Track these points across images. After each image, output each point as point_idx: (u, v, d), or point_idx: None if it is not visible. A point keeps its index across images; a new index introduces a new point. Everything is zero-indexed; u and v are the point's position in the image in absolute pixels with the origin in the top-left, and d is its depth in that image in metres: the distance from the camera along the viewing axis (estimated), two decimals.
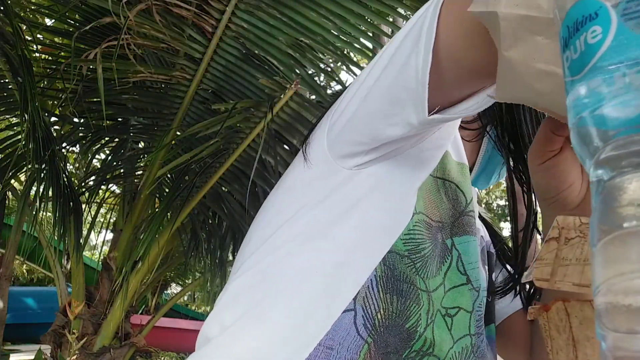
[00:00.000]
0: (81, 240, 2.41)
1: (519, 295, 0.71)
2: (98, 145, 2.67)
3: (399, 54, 0.47)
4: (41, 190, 2.13)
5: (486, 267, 0.68)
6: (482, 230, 0.73)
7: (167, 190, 2.58)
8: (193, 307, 9.97)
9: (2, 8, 1.85)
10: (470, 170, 0.70)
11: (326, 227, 0.53)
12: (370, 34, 1.89)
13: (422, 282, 0.52)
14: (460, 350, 0.55)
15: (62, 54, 2.30)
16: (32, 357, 2.46)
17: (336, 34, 1.88)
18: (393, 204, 0.54)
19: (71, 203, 2.30)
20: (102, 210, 3.42)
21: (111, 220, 2.74)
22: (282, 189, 0.61)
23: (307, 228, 0.54)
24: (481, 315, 0.59)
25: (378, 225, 0.53)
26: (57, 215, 2.25)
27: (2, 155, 2.37)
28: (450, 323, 0.54)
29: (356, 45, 1.92)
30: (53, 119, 2.56)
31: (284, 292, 0.52)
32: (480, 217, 0.75)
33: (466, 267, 0.57)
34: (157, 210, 2.47)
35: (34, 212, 2.18)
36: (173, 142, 2.26)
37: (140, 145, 2.70)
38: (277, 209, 0.58)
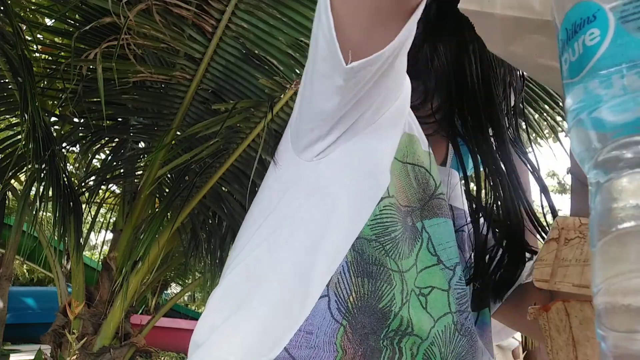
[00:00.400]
0: (81, 240, 2.41)
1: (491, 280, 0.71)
2: (98, 145, 2.67)
3: (312, 37, 0.52)
4: (41, 190, 2.13)
5: (471, 254, 0.68)
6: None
7: (167, 190, 2.58)
8: (193, 307, 9.98)
9: (2, 8, 1.85)
10: (445, 160, 0.72)
11: (296, 219, 0.56)
12: None
13: (393, 263, 0.54)
14: (443, 329, 0.55)
15: (62, 54, 2.30)
16: (32, 357, 2.46)
17: None
18: (357, 188, 0.56)
19: (71, 203, 2.30)
20: (102, 210, 3.42)
21: (111, 220, 2.74)
22: (260, 195, 0.64)
23: (281, 223, 0.57)
24: (462, 293, 0.59)
25: (343, 212, 0.55)
26: (57, 215, 2.25)
27: (2, 155, 2.37)
28: (424, 302, 0.55)
29: None
30: (53, 119, 2.56)
31: (265, 286, 0.55)
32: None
33: (436, 248, 0.58)
34: (157, 210, 2.47)
35: (34, 212, 2.18)
36: (173, 142, 2.26)
37: (140, 145, 2.71)
38: (257, 213, 0.62)
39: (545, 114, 2.44)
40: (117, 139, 2.63)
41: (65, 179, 2.23)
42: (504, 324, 0.74)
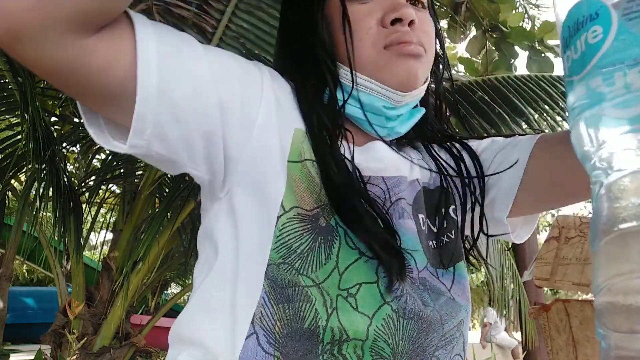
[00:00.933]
0: (81, 240, 2.41)
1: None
2: (98, 145, 2.66)
3: None
4: (41, 190, 2.13)
5: (420, 217, 0.63)
6: (420, 172, 0.66)
7: (167, 190, 2.57)
8: None
9: None
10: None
11: (218, 264, 0.56)
12: None
13: (306, 279, 0.52)
14: (383, 322, 0.53)
15: None
16: (32, 357, 2.46)
17: None
18: (253, 217, 0.55)
19: (71, 203, 2.30)
20: (102, 210, 3.42)
21: (111, 220, 2.74)
22: (198, 244, 0.65)
23: (210, 271, 0.57)
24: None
25: (248, 244, 0.54)
26: (57, 215, 2.25)
27: (2, 155, 2.37)
28: (354, 303, 0.53)
29: None
30: (53, 119, 2.56)
31: (204, 334, 0.55)
32: (428, 149, 0.70)
33: (354, 240, 0.55)
34: (157, 210, 2.47)
35: (34, 212, 2.18)
36: None
37: None
38: (198, 263, 0.62)
39: (545, 114, 2.43)
40: None
41: (65, 179, 2.23)
42: (524, 206, 0.65)
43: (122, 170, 2.63)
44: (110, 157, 2.69)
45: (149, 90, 0.47)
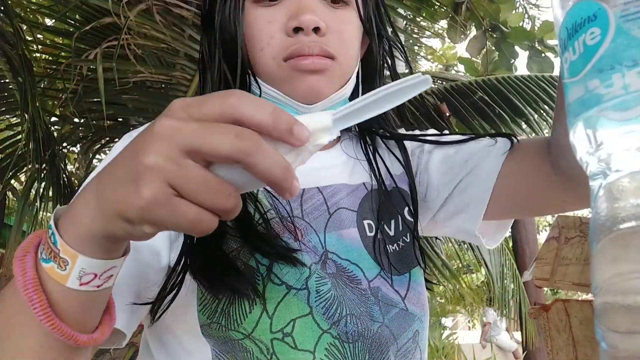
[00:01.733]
0: None
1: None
2: (98, 145, 2.67)
3: None
4: (41, 190, 2.13)
5: (366, 223, 0.60)
6: (368, 174, 0.63)
7: None
8: None
9: (2, 8, 1.85)
10: None
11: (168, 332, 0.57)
12: None
13: (236, 332, 0.51)
14: (326, 353, 0.52)
15: (62, 54, 2.31)
16: None
17: None
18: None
19: None
20: None
21: None
22: None
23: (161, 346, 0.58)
24: (327, 303, 0.53)
25: (178, 309, 0.54)
26: None
27: (2, 155, 2.37)
28: (292, 342, 0.51)
29: None
30: (53, 119, 2.56)
31: None
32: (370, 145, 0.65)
33: (280, 275, 0.52)
34: None
35: (34, 212, 2.18)
36: None
37: None
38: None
39: (545, 114, 2.44)
40: (117, 139, 2.63)
41: (65, 179, 2.23)
42: (498, 216, 0.62)
43: None
44: None
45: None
